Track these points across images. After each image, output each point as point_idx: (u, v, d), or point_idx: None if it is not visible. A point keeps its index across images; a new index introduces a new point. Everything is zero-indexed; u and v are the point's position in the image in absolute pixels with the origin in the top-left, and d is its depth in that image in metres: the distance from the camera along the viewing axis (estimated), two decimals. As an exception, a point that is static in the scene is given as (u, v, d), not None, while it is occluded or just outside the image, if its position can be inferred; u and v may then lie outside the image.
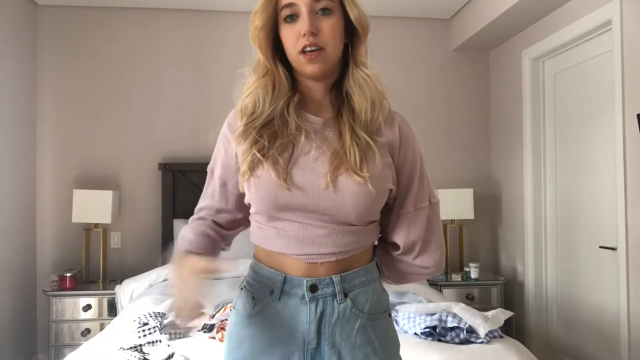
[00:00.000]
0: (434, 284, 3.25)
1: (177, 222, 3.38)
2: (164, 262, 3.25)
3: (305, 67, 0.95)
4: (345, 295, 0.96)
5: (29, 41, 3.36)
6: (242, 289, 1.03)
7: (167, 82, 3.55)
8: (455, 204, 3.47)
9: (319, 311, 0.95)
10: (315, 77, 0.99)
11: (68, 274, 3.09)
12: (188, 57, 3.57)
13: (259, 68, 1.01)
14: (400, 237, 1.04)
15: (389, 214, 1.05)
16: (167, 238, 3.41)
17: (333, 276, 0.95)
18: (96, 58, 3.49)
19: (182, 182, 3.44)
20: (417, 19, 3.77)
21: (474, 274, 3.38)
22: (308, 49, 0.93)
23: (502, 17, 3.05)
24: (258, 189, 0.95)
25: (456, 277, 3.37)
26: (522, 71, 3.32)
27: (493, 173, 3.80)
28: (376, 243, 1.09)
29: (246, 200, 1.02)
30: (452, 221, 3.56)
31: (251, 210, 1.03)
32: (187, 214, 3.89)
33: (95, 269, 3.36)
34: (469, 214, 3.49)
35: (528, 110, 3.27)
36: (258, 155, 0.95)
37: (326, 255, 0.95)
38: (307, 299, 0.95)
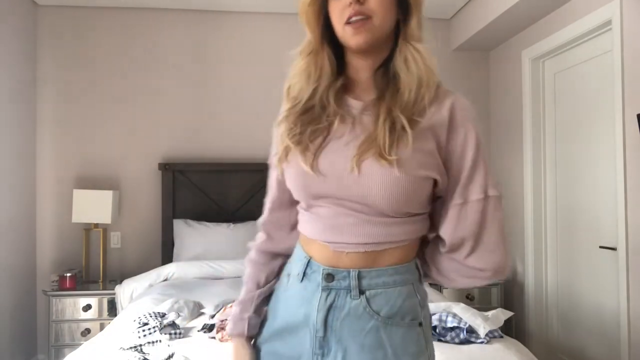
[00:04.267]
0: (434, 284, 3.25)
1: (177, 222, 3.38)
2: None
3: (350, 38, 0.91)
4: (361, 293, 0.91)
5: (29, 41, 3.36)
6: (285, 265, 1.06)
7: (167, 82, 3.55)
8: (455, 204, 3.46)
9: (328, 302, 0.92)
10: (361, 50, 0.93)
11: (68, 274, 3.09)
12: (188, 57, 3.57)
13: (305, 48, 0.98)
14: (446, 232, 0.94)
15: (439, 205, 0.96)
16: (167, 238, 3.42)
17: (351, 270, 0.91)
18: (96, 58, 3.49)
19: (182, 182, 3.44)
20: (417, 19, 3.77)
21: (474, 274, 3.37)
22: (353, 18, 0.89)
23: (502, 17, 3.05)
24: (290, 176, 0.96)
25: (456, 277, 3.36)
26: (522, 71, 3.32)
27: (493, 173, 3.80)
28: (431, 237, 1.01)
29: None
30: (452, 221, 3.55)
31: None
32: (187, 214, 3.90)
33: (95, 269, 3.36)
34: (469, 214, 3.48)
35: (528, 110, 3.27)
36: (289, 142, 0.94)
37: (354, 245, 0.91)
38: (320, 287, 0.93)
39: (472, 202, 0.93)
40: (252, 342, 1.05)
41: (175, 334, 2.02)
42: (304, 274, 0.96)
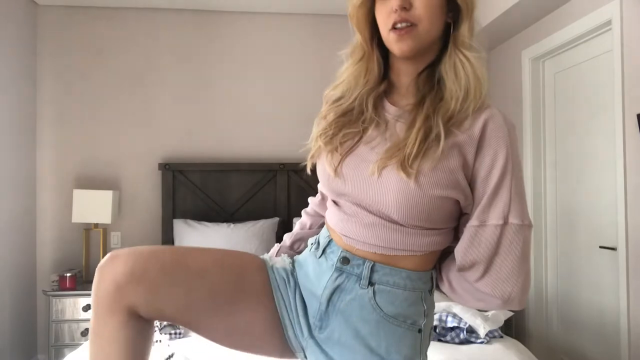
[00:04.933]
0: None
1: (177, 222, 3.38)
2: None
3: (394, 45, 0.91)
4: (370, 284, 0.93)
5: (29, 41, 3.36)
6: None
7: (167, 82, 3.55)
8: (455, 204, 3.47)
9: (337, 282, 0.96)
10: (405, 56, 0.93)
11: (68, 274, 3.09)
12: (188, 57, 3.57)
13: (355, 51, 0.99)
14: (458, 252, 0.92)
15: (464, 222, 0.94)
16: (167, 238, 3.42)
17: (367, 260, 0.94)
18: (96, 58, 3.49)
19: (182, 182, 3.44)
20: (417, 19, 3.76)
21: (474, 274, 3.37)
22: (398, 25, 0.88)
23: (502, 17, 3.05)
24: (319, 173, 1.02)
25: (456, 277, 3.36)
26: (522, 71, 3.32)
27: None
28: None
29: None
30: (452, 221, 3.55)
31: None
32: (187, 214, 3.90)
33: (95, 269, 3.36)
34: (469, 214, 3.48)
35: (528, 110, 3.27)
36: (321, 142, 0.97)
37: (365, 244, 0.94)
38: (334, 267, 0.97)
39: (489, 226, 0.88)
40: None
41: (175, 334, 2.02)
42: (324, 251, 1.00)
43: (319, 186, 1.17)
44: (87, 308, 3.07)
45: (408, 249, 0.92)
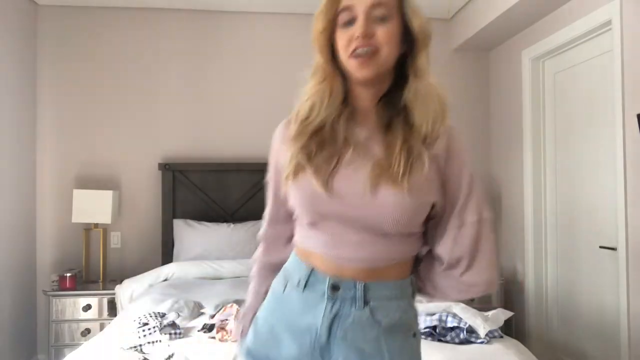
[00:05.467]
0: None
1: (177, 222, 3.38)
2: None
3: (356, 71, 0.94)
4: (366, 304, 0.96)
5: (29, 41, 3.36)
6: (280, 272, 1.09)
7: (167, 82, 3.55)
8: (455, 204, 3.46)
9: (334, 311, 0.96)
10: (366, 82, 0.97)
11: (68, 274, 3.09)
12: (188, 57, 3.57)
13: (317, 72, 1.01)
14: (445, 252, 1.00)
15: (436, 227, 1.02)
16: (167, 238, 3.42)
17: (357, 282, 0.96)
18: (96, 58, 3.49)
19: (182, 182, 3.44)
20: (417, 19, 3.77)
21: (474, 274, 3.37)
22: (360, 50, 0.92)
23: (502, 17, 3.05)
24: (299, 194, 0.98)
25: (456, 277, 3.36)
26: (522, 71, 3.32)
27: (493, 173, 3.80)
28: (423, 253, 1.07)
29: (290, 205, 1.04)
30: (452, 221, 3.55)
31: (295, 214, 1.06)
32: (187, 214, 3.90)
33: (95, 269, 3.36)
34: (469, 214, 3.48)
35: (528, 110, 3.27)
36: (303, 160, 0.97)
37: (356, 260, 0.96)
38: (326, 296, 0.96)
39: (468, 224, 0.99)
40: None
41: (175, 334, 2.02)
42: (306, 283, 0.99)
43: (270, 220, 1.14)
44: (87, 308, 3.07)
45: (395, 257, 0.98)
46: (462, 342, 1.97)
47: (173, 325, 2.07)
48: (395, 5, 0.95)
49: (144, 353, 1.87)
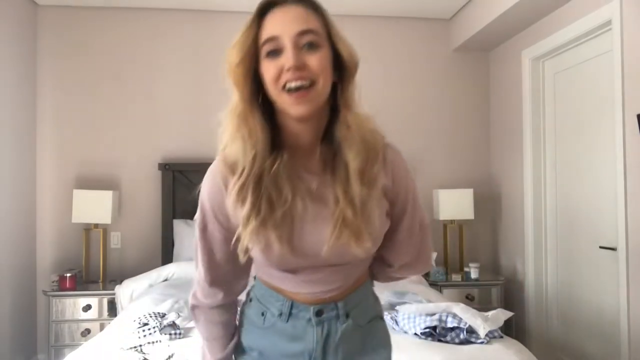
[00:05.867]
0: (434, 284, 3.25)
1: (177, 222, 3.38)
2: None
3: (291, 108, 0.85)
4: (347, 316, 1.01)
5: (29, 41, 3.36)
6: (251, 300, 1.06)
7: (167, 82, 3.55)
8: (455, 204, 3.47)
9: (324, 333, 0.99)
10: (303, 119, 0.89)
11: (68, 274, 3.09)
12: (188, 57, 3.57)
13: (233, 112, 0.91)
14: (394, 259, 1.07)
15: (384, 239, 1.03)
16: (167, 238, 3.42)
17: (338, 302, 1.00)
18: (96, 58, 3.49)
19: (182, 182, 3.44)
20: (417, 19, 3.77)
21: (474, 274, 3.38)
22: (294, 85, 0.84)
23: (502, 17, 3.05)
24: (263, 256, 0.93)
25: (456, 277, 3.37)
26: (522, 71, 3.32)
27: (493, 173, 3.80)
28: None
29: (244, 254, 0.95)
30: (452, 221, 3.56)
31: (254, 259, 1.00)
32: (187, 214, 3.90)
33: (95, 269, 3.36)
34: (469, 214, 3.49)
35: (528, 110, 3.27)
36: (259, 224, 0.89)
37: (331, 290, 0.99)
38: (313, 323, 0.99)
39: (414, 235, 1.05)
40: None
41: (175, 334, 2.02)
42: (290, 314, 0.99)
43: (220, 264, 1.01)
44: (87, 308, 3.07)
45: (361, 272, 1.04)
46: (462, 342, 1.97)
47: (173, 325, 2.07)
48: (323, 32, 0.89)
49: (144, 353, 1.87)
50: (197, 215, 1.03)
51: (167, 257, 3.38)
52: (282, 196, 0.90)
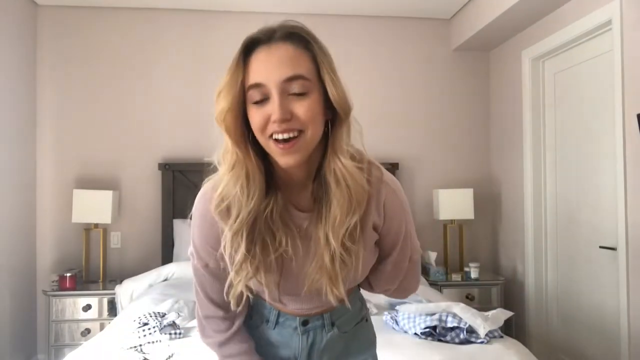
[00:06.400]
0: (434, 284, 3.25)
1: (177, 222, 3.38)
2: None
3: (279, 158, 0.83)
4: (333, 325, 1.04)
5: (29, 41, 3.36)
6: None
7: (167, 82, 3.55)
8: (455, 204, 3.47)
9: (309, 341, 1.03)
10: (290, 169, 0.86)
11: (68, 274, 3.09)
12: (188, 57, 3.57)
13: (227, 155, 0.87)
14: (376, 285, 1.06)
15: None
16: (167, 238, 3.42)
17: (324, 314, 1.03)
18: (96, 58, 3.49)
19: (182, 182, 3.44)
20: (417, 19, 3.77)
21: (474, 274, 3.38)
22: (281, 137, 0.80)
23: (502, 17, 3.05)
24: (254, 292, 0.97)
25: (456, 277, 3.37)
26: (522, 71, 3.32)
27: (493, 173, 3.80)
28: None
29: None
30: (452, 221, 3.56)
31: None
32: (187, 214, 3.88)
33: (95, 269, 3.36)
34: (469, 214, 3.49)
35: (528, 110, 3.27)
36: (253, 271, 0.89)
37: (316, 307, 1.01)
38: (299, 332, 1.02)
39: (400, 268, 1.03)
40: None
41: (175, 334, 2.02)
42: (277, 322, 1.03)
43: (217, 300, 1.01)
44: (87, 308, 3.07)
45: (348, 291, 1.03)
46: (462, 342, 1.97)
47: (173, 325, 2.07)
48: (312, 74, 0.83)
49: (144, 353, 1.87)
50: (191, 250, 1.01)
51: (167, 257, 3.38)
52: (275, 240, 0.90)
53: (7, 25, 3.06)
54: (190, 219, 0.99)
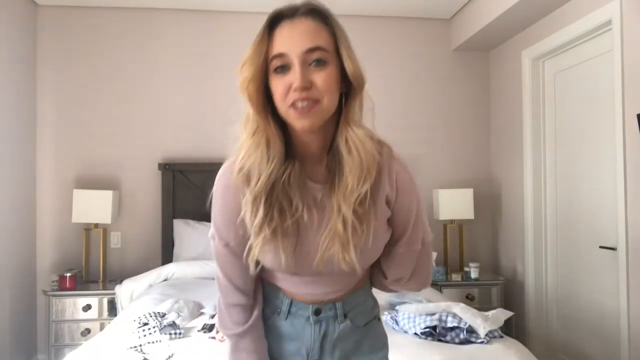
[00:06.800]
0: (434, 284, 3.25)
1: (177, 222, 3.38)
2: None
3: (295, 121, 0.89)
4: (345, 316, 1.04)
5: (29, 41, 3.36)
6: None
7: (167, 82, 3.55)
8: (455, 204, 3.47)
9: (322, 331, 1.03)
10: (306, 133, 0.92)
11: (68, 274, 3.09)
12: (188, 57, 3.57)
13: (248, 124, 0.95)
14: (389, 271, 1.07)
15: (384, 248, 1.06)
16: (167, 238, 3.42)
17: (337, 303, 1.03)
18: (96, 58, 3.49)
19: (182, 182, 3.44)
20: (417, 19, 3.77)
21: (474, 274, 3.38)
22: (300, 104, 0.87)
23: (502, 17, 3.05)
24: (267, 262, 0.98)
25: (456, 277, 3.37)
26: (522, 71, 3.32)
27: (493, 173, 3.80)
28: None
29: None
30: (452, 221, 3.56)
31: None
32: (187, 214, 3.90)
33: (95, 269, 3.36)
34: (469, 214, 3.49)
35: (528, 110, 3.27)
36: (270, 235, 0.92)
37: (331, 292, 1.02)
38: (311, 321, 1.03)
39: (412, 251, 1.04)
40: None
41: (175, 334, 2.02)
42: (289, 312, 1.04)
43: (242, 282, 1.03)
44: (87, 308, 3.07)
45: (360, 278, 1.06)
46: (462, 342, 1.97)
47: (173, 325, 2.07)
48: (331, 47, 0.90)
49: (144, 353, 1.87)
50: (212, 232, 1.04)
51: (167, 257, 3.38)
52: (292, 205, 0.94)
53: (7, 25, 3.06)
54: (210, 204, 1.02)
